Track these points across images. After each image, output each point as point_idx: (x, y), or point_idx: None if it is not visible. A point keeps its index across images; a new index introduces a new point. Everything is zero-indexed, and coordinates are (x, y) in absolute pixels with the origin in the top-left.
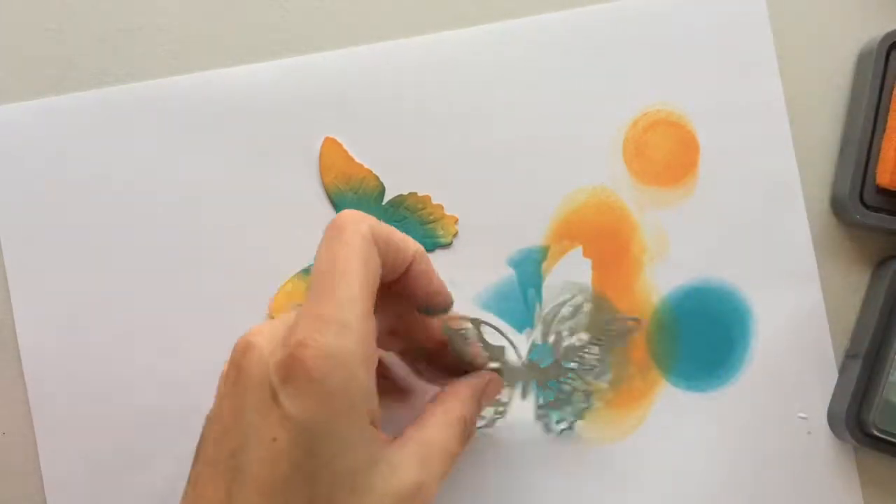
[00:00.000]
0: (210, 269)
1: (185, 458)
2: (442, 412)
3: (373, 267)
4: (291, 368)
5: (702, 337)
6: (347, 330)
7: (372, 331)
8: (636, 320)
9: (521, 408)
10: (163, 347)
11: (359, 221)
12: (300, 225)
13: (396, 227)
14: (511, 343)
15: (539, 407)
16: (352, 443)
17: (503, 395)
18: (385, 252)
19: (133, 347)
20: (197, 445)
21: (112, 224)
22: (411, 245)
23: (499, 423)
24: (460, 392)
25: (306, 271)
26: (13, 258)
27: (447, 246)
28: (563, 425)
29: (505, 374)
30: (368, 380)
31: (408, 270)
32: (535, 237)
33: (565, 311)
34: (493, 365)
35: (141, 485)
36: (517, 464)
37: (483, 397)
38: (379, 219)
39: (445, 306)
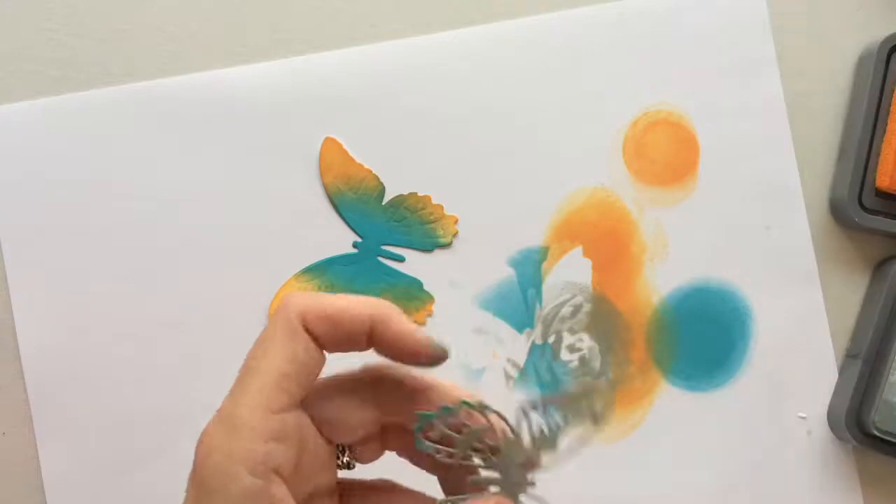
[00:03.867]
0: (210, 269)
1: (184, 458)
2: None
3: (297, 357)
4: (193, 463)
5: (702, 337)
6: (238, 428)
7: (279, 428)
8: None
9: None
10: (163, 347)
11: (288, 307)
12: (300, 225)
13: (396, 227)
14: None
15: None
16: None
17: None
18: (330, 331)
19: (133, 347)
20: None
21: (112, 224)
22: (366, 311)
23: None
24: None
25: (306, 271)
26: (13, 258)
27: (447, 246)
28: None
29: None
30: (257, 485)
31: (371, 339)
32: (535, 237)
33: (565, 311)
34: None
35: (141, 485)
36: None
37: None
38: (379, 219)
39: (430, 363)
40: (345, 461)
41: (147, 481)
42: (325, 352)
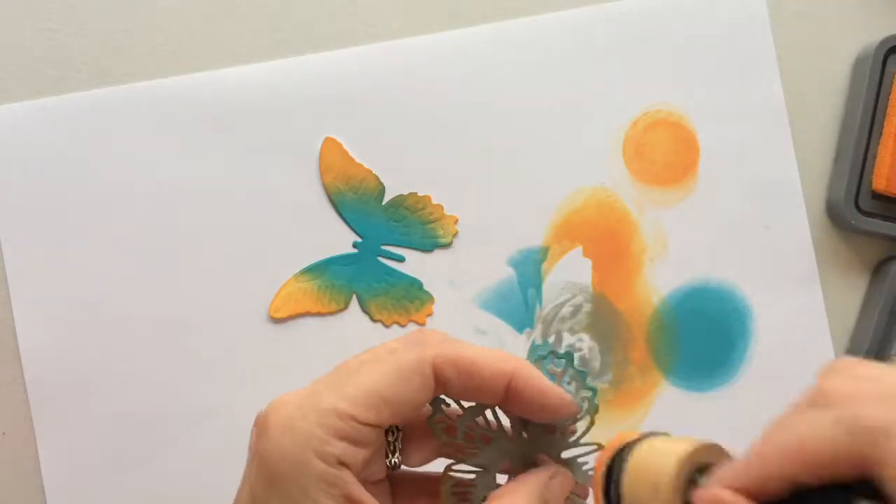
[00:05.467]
0: (210, 270)
1: (184, 457)
2: None
3: (404, 392)
4: (256, 436)
5: (702, 337)
6: (315, 417)
7: (355, 435)
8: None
9: None
10: (162, 347)
11: (427, 345)
12: (300, 225)
13: (396, 227)
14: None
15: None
16: None
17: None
18: (464, 381)
19: (133, 348)
20: None
21: (112, 224)
22: (507, 367)
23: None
24: (518, 490)
25: (306, 271)
26: (13, 258)
27: (447, 246)
28: None
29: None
30: (328, 471)
31: (509, 393)
32: (535, 237)
33: (565, 311)
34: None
35: (141, 485)
36: None
37: (549, 496)
38: (379, 219)
39: (569, 418)
40: (393, 462)
41: (147, 481)
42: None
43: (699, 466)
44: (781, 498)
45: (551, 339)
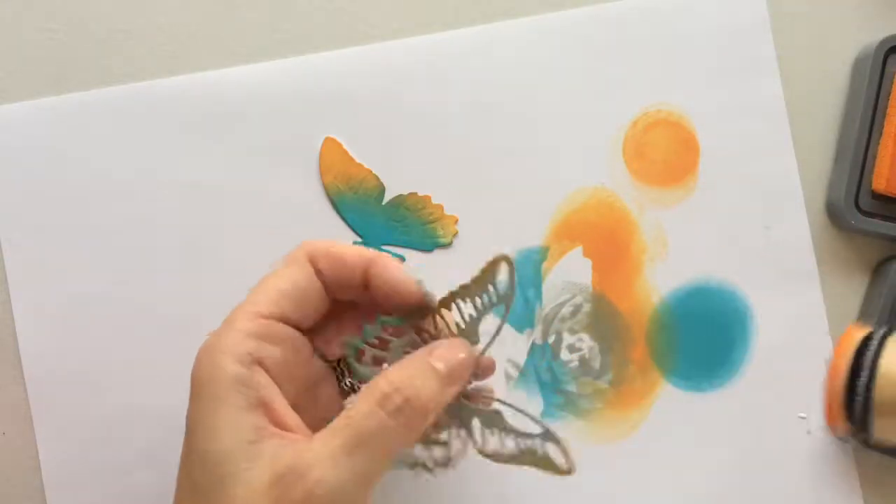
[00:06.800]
0: (210, 269)
1: None
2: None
3: (297, 282)
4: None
5: (702, 337)
6: (228, 328)
7: (265, 331)
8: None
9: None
10: (163, 347)
11: (300, 246)
12: (300, 225)
13: (396, 227)
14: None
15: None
16: (217, 431)
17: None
18: (332, 265)
19: (133, 347)
20: None
21: (112, 224)
22: (366, 254)
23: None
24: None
25: None
26: (13, 258)
27: (447, 246)
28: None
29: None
30: (241, 372)
31: (367, 279)
32: (535, 237)
33: (565, 311)
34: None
35: (140, 485)
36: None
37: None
38: (379, 219)
39: (418, 307)
40: (347, 383)
41: (147, 481)
42: (328, 294)
43: None
44: None
45: (551, 340)
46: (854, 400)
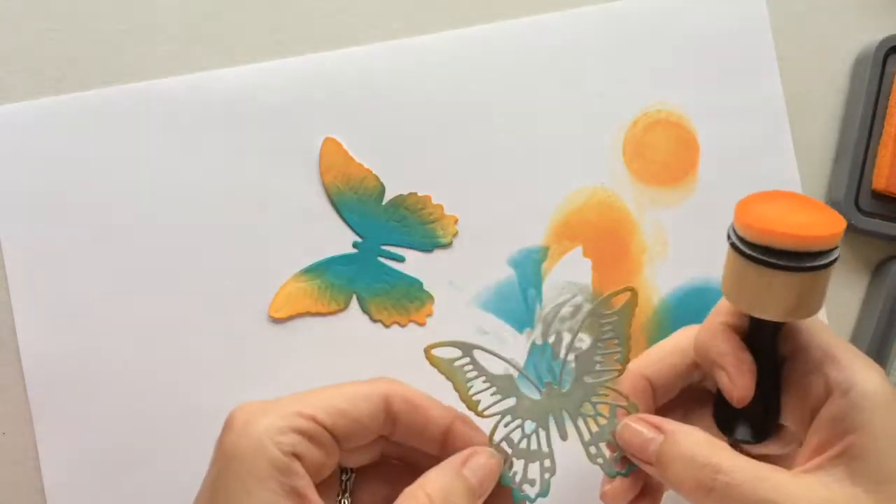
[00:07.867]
0: (210, 269)
1: (184, 457)
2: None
3: (357, 412)
4: (222, 431)
5: None
6: (276, 412)
7: (310, 430)
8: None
9: (567, 450)
10: (163, 347)
11: (384, 380)
12: (300, 225)
13: (396, 227)
14: (513, 365)
15: (589, 444)
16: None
17: (542, 443)
18: (404, 410)
19: (133, 347)
20: None
21: (112, 224)
22: (448, 413)
23: (552, 479)
24: (428, 478)
25: (306, 271)
26: (13, 258)
27: (447, 246)
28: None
29: (526, 412)
30: (282, 459)
31: (449, 435)
32: (535, 237)
33: (565, 311)
34: (508, 402)
35: (141, 485)
36: None
37: (468, 471)
38: (379, 219)
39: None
40: (342, 502)
41: (147, 481)
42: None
43: None
44: None
45: (551, 340)
46: None
